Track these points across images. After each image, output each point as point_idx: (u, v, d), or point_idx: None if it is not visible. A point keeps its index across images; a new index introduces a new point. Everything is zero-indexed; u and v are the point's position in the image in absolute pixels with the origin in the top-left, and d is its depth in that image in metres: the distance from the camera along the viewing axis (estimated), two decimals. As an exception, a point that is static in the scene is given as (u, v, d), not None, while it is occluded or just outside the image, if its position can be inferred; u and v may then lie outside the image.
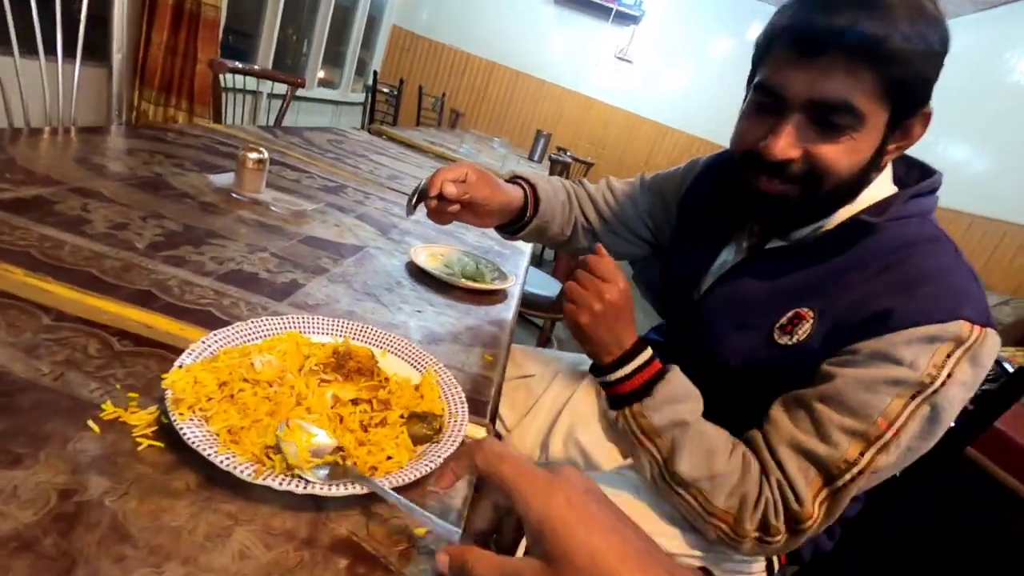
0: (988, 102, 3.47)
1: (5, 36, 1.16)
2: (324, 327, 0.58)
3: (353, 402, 0.47)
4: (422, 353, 0.59)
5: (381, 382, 0.50)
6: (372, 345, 0.58)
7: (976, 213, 3.41)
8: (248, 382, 0.44)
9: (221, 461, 0.37)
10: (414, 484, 0.42)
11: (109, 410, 0.40)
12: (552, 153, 4.08)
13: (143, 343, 0.50)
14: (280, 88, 3.17)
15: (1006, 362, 0.82)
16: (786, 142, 0.59)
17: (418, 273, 0.89)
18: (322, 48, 4.31)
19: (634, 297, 0.70)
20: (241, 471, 0.37)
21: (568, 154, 4.29)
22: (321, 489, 0.37)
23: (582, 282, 0.67)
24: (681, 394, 0.65)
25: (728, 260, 0.76)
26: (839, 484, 0.56)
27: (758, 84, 0.62)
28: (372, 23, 5.22)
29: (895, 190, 0.66)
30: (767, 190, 0.63)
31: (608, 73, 5.63)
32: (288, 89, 2.11)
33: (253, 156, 0.98)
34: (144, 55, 2.45)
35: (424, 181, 0.76)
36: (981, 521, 1.40)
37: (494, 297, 0.91)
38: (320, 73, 4.50)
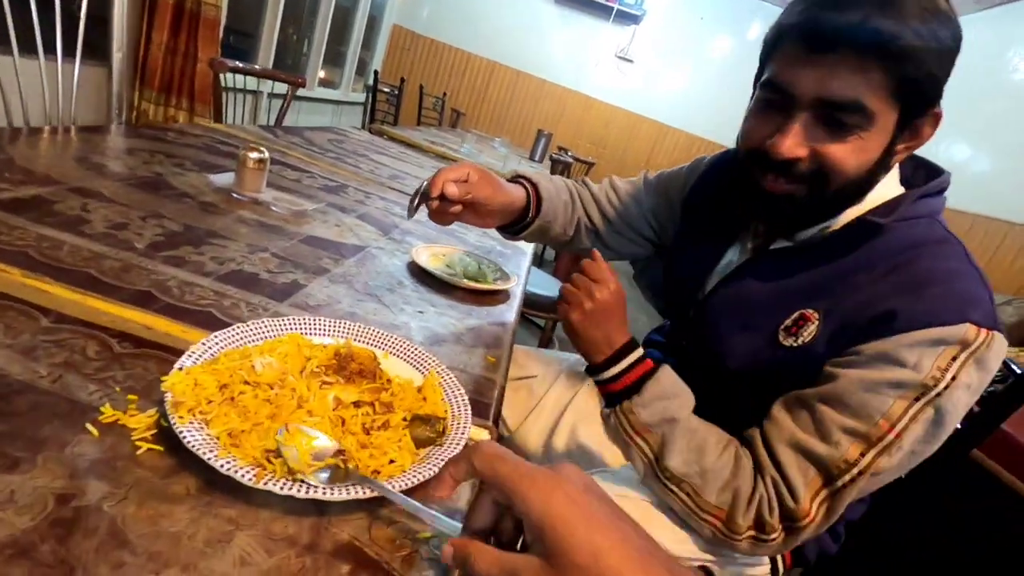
0: (990, 101, 3.46)
1: (5, 35, 1.16)
2: (325, 328, 0.58)
3: (355, 405, 0.46)
4: (424, 354, 0.58)
5: (383, 384, 0.49)
6: (374, 346, 0.58)
7: (978, 213, 3.40)
8: (249, 384, 0.44)
9: (221, 465, 0.36)
10: (417, 488, 0.41)
11: (108, 413, 0.40)
12: (553, 153, 4.07)
13: (143, 345, 0.50)
14: (280, 88, 3.18)
15: (1014, 363, 0.81)
16: (793, 141, 0.58)
17: (420, 273, 0.89)
18: (323, 48, 4.31)
19: (636, 298, 0.70)
20: (242, 475, 0.36)
21: (569, 154, 4.28)
22: (323, 493, 0.37)
23: (575, 283, 0.70)
24: (670, 391, 0.66)
25: (733, 260, 0.75)
26: (839, 484, 0.56)
27: (766, 81, 0.61)
28: (373, 23, 5.22)
29: (902, 190, 0.65)
30: (773, 189, 0.62)
31: (609, 73, 5.62)
32: (289, 89, 2.11)
33: (254, 156, 0.97)
34: (144, 54, 2.45)
35: (425, 182, 0.75)
36: (987, 524, 1.39)
37: (496, 297, 0.90)
38: (321, 73, 4.49)
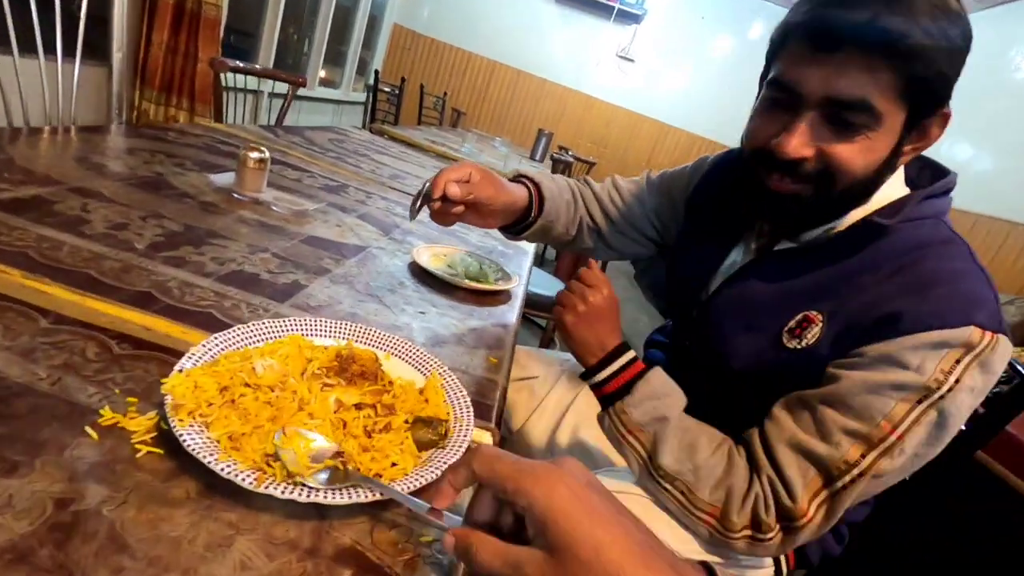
0: (991, 100, 3.45)
1: (4, 35, 1.15)
2: (327, 329, 0.57)
3: (357, 407, 0.46)
4: (426, 356, 0.58)
5: (385, 386, 0.49)
6: (376, 348, 0.57)
7: (980, 212, 3.39)
8: (249, 387, 0.43)
9: (222, 469, 0.36)
10: (419, 492, 0.41)
11: (107, 416, 0.39)
12: (554, 152, 4.06)
13: (142, 346, 0.49)
14: (281, 87, 3.18)
15: (1019, 364, 0.81)
16: (799, 140, 0.57)
17: (421, 274, 0.88)
18: (323, 47, 4.31)
19: (638, 298, 0.70)
20: (242, 479, 0.36)
21: (570, 153, 4.28)
22: (325, 497, 0.36)
23: (571, 288, 0.73)
24: (660, 391, 0.66)
25: (737, 261, 0.75)
26: (838, 485, 0.55)
27: (772, 80, 0.60)
28: (373, 22, 5.22)
29: (907, 191, 0.65)
30: (778, 189, 0.61)
31: (610, 72, 5.61)
32: (289, 88, 2.10)
33: (254, 155, 0.97)
34: (145, 54, 2.45)
35: (427, 184, 0.74)
36: (991, 526, 1.38)
37: (498, 298, 0.90)
38: (321, 72, 4.49)
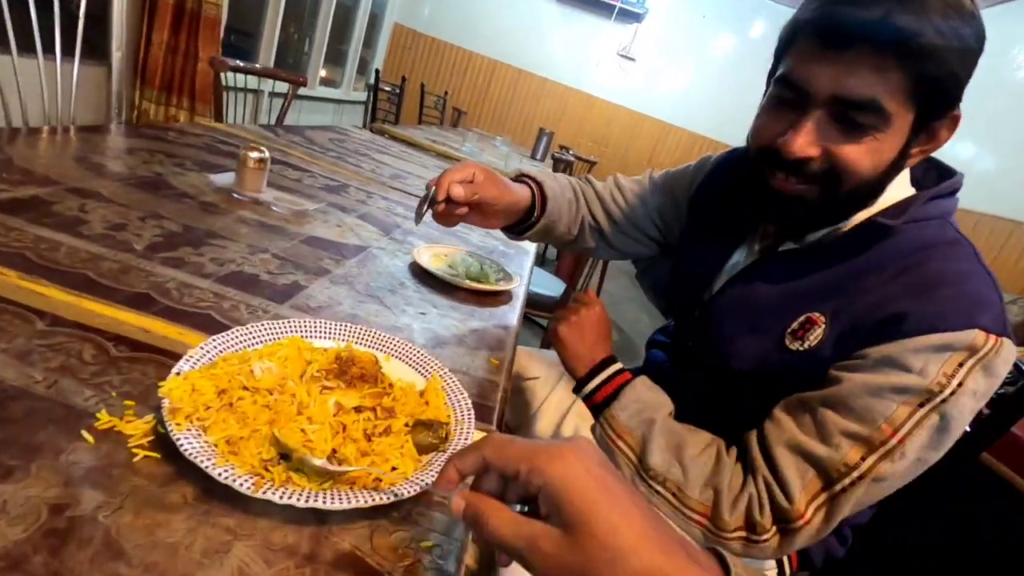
0: (993, 99, 3.43)
1: (3, 35, 1.15)
2: (326, 331, 0.57)
3: (356, 410, 0.45)
4: (427, 357, 0.57)
5: (385, 389, 0.48)
6: (375, 349, 0.57)
7: (983, 212, 3.38)
8: (248, 390, 0.43)
9: (219, 473, 0.35)
10: (420, 495, 0.40)
11: (104, 419, 0.39)
12: (555, 151, 4.06)
13: (140, 348, 0.49)
14: (281, 87, 3.17)
15: (1023, 364, 0.80)
16: (805, 139, 0.56)
17: (421, 274, 0.88)
18: (324, 47, 4.30)
19: (639, 298, 0.71)
20: (240, 484, 0.35)
21: (571, 152, 4.27)
22: (323, 502, 0.36)
23: (567, 305, 0.80)
24: (646, 396, 0.68)
25: (740, 261, 0.74)
26: (837, 488, 0.54)
27: (780, 77, 0.59)
28: (374, 21, 5.21)
29: (912, 191, 0.64)
30: (783, 189, 0.60)
31: (611, 71, 5.60)
32: (290, 88, 2.10)
33: (254, 155, 0.97)
34: (145, 54, 2.44)
35: (431, 189, 0.72)
36: (996, 528, 1.37)
37: (499, 298, 0.89)
38: (322, 72, 4.49)
